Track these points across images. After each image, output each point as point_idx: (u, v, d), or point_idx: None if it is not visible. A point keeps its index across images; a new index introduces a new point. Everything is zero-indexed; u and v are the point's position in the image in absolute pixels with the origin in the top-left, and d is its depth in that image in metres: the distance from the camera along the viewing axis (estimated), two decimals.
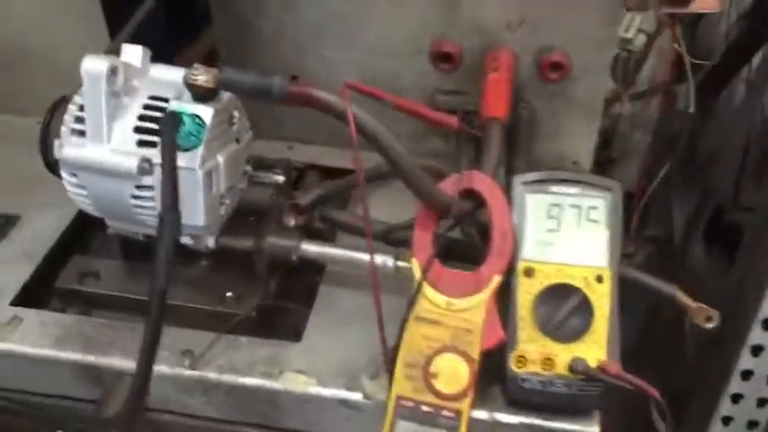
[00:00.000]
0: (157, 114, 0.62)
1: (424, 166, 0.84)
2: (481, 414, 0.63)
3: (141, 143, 0.62)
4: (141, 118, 0.62)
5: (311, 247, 0.71)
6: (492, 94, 0.74)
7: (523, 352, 0.62)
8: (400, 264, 0.69)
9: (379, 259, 0.70)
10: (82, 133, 0.62)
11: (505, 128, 0.73)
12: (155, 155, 0.61)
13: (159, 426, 0.70)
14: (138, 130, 0.62)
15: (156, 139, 0.62)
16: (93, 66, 0.59)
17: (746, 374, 0.95)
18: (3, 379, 0.69)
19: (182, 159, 0.60)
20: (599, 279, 0.63)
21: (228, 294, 0.72)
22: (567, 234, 0.65)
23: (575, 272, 0.63)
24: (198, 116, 0.61)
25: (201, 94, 0.62)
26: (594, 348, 0.62)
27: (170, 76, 0.65)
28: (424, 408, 0.60)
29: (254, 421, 0.69)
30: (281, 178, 0.75)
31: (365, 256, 0.70)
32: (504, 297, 0.64)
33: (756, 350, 0.92)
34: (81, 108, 0.63)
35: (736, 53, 1.06)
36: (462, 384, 0.60)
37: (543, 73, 0.78)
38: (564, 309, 0.62)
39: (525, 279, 0.63)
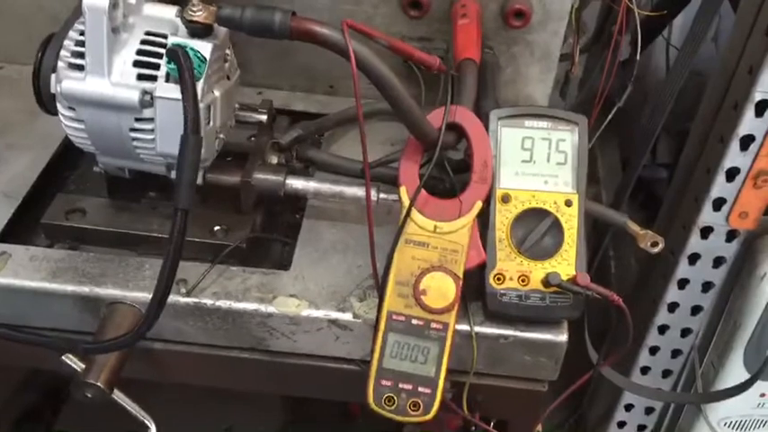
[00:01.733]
0: (155, 49, 0.64)
1: (379, 110, 0.89)
2: (463, 327, 0.69)
3: (140, 77, 0.64)
4: (140, 53, 0.64)
5: (297, 182, 0.75)
6: (464, 38, 0.79)
7: (501, 270, 0.68)
8: (383, 196, 0.73)
9: (363, 192, 0.74)
10: (80, 68, 0.64)
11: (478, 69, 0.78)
12: (154, 88, 0.64)
13: (152, 354, 0.73)
14: (137, 64, 0.64)
15: (155, 72, 0.64)
16: (95, 0, 0.61)
17: (672, 306, 1.05)
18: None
19: None
20: (568, 203, 0.70)
21: (217, 228, 0.75)
22: (539, 164, 0.71)
23: (546, 197, 0.70)
24: (198, 51, 0.64)
25: (198, 31, 0.65)
26: (565, 265, 0.68)
27: (163, 13, 0.67)
28: (414, 321, 0.65)
29: (247, 345, 0.72)
30: (263, 117, 0.78)
31: (349, 189, 0.75)
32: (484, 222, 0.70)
33: (682, 283, 1.02)
34: (78, 43, 0.64)
35: (666, 6, 1.14)
36: (449, 299, 0.65)
37: (507, 20, 0.84)
38: (537, 230, 0.69)
39: (502, 205, 0.69)
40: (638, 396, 1.14)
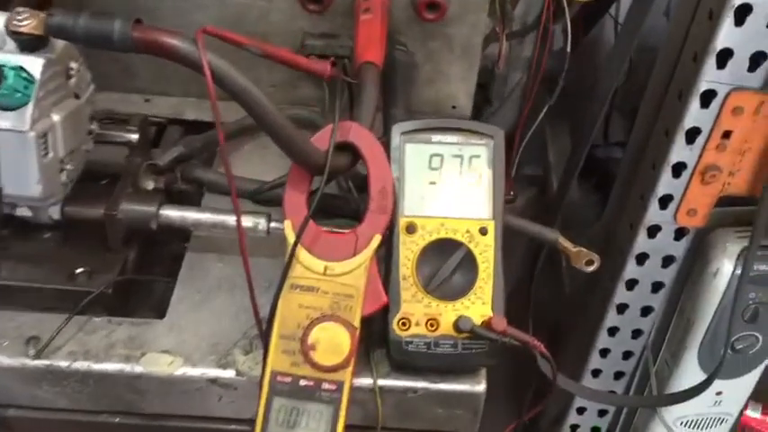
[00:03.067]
0: None
1: (296, 116, 0.79)
2: (365, 381, 0.59)
3: None
4: None
5: (172, 212, 0.64)
6: (365, 37, 0.69)
7: (407, 314, 0.59)
8: (274, 225, 0.63)
9: (250, 221, 0.64)
10: None
11: (381, 73, 0.67)
12: None
13: (6, 422, 0.62)
14: None
15: None
16: None
17: (622, 308, 0.96)
18: None
19: (7, 120, 0.52)
20: (483, 231, 0.60)
21: (79, 270, 0.64)
22: (450, 186, 0.61)
23: (458, 225, 0.60)
24: (24, 69, 0.52)
25: (28, 43, 0.53)
26: (479, 304, 0.59)
27: None
28: (303, 382, 0.55)
29: (116, 409, 0.62)
30: (134, 136, 0.67)
31: (233, 218, 0.64)
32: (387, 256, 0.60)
33: (631, 284, 0.93)
34: None
35: None
36: (343, 354, 0.55)
37: (419, 13, 0.74)
38: (447, 266, 0.59)
39: (407, 236, 0.60)
40: None
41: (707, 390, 0.88)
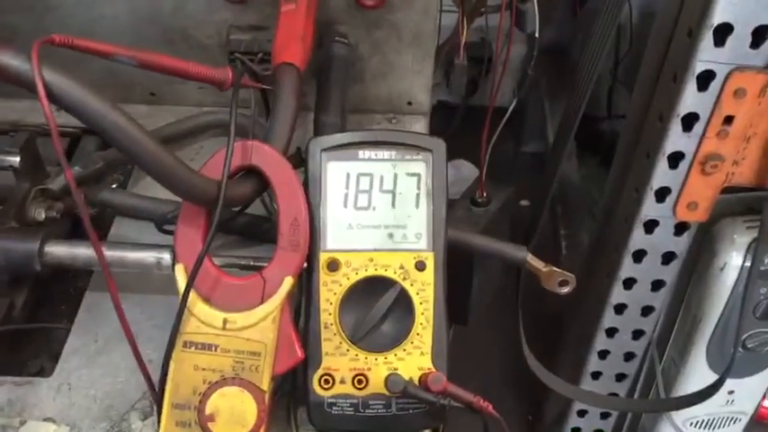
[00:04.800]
0: None
1: (222, 121, 0.70)
2: None
3: None
4: None
5: (59, 249, 0.54)
6: (284, 33, 0.58)
7: (329, 369, 0.49)
8: None
9: (152, 256, 0.54)
10: None
11: (303, 76, 0.57)
12: None
13: None
14: None
15: None
16: None
17: (620, 308, 0.90)
18: None
19: None
20: (420, 266, 0.50)
21: None
22: (381, 211, 0.51)
23: (390, 260, 0.50)
24: None
25: None
26: (417, 356, 0.49)
27: None
28: None
29: None
30: (14, 159, 0.57)
31: (134, 254, 0.55)
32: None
33: (629, 282, 0.87)
34: None
35: None
36: (248, 425, 0.46)
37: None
38: (378, 309, 0.49)
39: (328, 275, 0.49)
40: None
41: (717, 392, 0.81)
